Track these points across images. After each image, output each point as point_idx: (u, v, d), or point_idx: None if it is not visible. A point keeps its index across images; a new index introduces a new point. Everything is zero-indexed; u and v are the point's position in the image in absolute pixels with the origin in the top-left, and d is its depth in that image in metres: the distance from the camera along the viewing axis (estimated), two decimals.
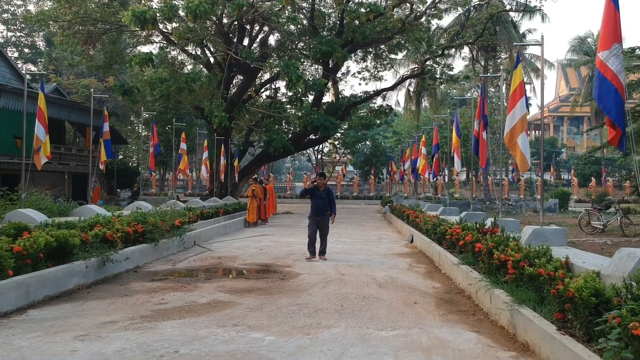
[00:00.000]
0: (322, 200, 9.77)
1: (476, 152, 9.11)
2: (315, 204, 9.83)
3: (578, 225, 17.14)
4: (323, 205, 9.78)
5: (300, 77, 17.79)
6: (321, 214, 9.83)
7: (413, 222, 14.12)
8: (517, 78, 6.86)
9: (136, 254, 8.93)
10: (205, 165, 19.82)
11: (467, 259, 7.37)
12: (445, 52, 25.02)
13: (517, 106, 6.76)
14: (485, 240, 7.04)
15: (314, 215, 9.86)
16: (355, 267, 9.06)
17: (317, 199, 9.80)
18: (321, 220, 9.85)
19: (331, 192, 10.10)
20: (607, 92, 4.06)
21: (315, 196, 9.83)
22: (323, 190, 9.89)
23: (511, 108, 6.86)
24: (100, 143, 12.12)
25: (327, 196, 9.87)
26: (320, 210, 9.81)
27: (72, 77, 38.84)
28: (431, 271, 8.75)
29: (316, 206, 9.81)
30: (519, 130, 6.78)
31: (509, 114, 6.88)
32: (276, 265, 9.26)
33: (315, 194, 9.84)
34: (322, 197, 9.80)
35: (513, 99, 6.85)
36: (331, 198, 9.96)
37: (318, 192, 9.84)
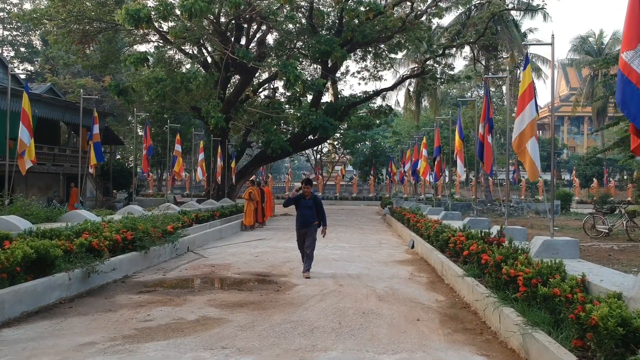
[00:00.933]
0: (309, 209, 8.73)
1: (481, 156, 8.69)
2: (301, 214, 8.78)
3: (582, 228, 16.77)
4: (310, 216, 8.75)
5: (299, 77, 17.38)
6: (308, 225, 8.77)
7: (414, 226, 13.73)
8: (526, 79, 6.45)
9: (125, 263, 8.53)
10: (201, 167, 19.41)
11: (472, 270, 6.97)
12: (446, 52, 24.60)
13: (526, 109, 6.35)
14: (492, 252, 6.65)
15: (300, 227, 8.82)
16: (354, 277, 8.67)
17: (303, 208, 8.75)
18: (307, 232, 8.77)
19: (319, 200, 9.01)
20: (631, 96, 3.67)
21: (301, 205, 8.77)
22: (309, 198, 8.81)
23: (520, 111, 6.44)
24: (90, 146, 11.72)
25: (315, 205, 8.82)
26: (306, 221, 8.76)
27: (68, 76, 38.39)
28: (433, 281, 8.35)
29: (302, 217, 8.77)
30: (528, 135, 6.36)
31: (518, 118, 6.47)
32: (271, 275, 8.86)
33: (300, 203, 8.78)
34: (309, 206, 8.74)
35: (522, 101, 6.44)
36: (319, 207, 8.87)
37: (304, 200, 8.76)
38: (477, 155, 8.92)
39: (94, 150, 11.57)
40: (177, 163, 16.69)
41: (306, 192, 8.79)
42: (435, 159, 14.60)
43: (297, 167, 77.40)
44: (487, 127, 8.41)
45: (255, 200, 17.17)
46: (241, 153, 27.28)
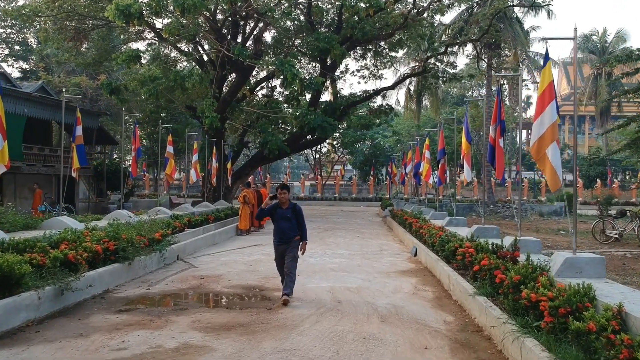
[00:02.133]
0: (287, 221, 7.26)
1: (491, 161, 8.02)
2: (278, 227, 7.32)
3: (591, 233, 16.13)
4: (288, 229, 7.26)
5: (296, 75, 16.71)
6: (286, 240, 7.27)
7: (416, 232, 13.08)
8: (545, 77, 5.77)
9: (106, 277, 7.88)
10: (195, 169, 18.73)
11: (484, 288, 6.32)
12: (448, 50, 23.92)
13: (547, 111, 5.68)
14: (506, 270, 6.00)
15: (278, 242, 7.37)
16: (353, 291, 8.01)
17: (280, 220, 7.29)
18: (286, 249, 7.27)
19: (299, 209, 7.45)
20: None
21: (277, 217, 7.31)
22: (287, 207, 7.31)
23: (539, 113, 5.77)
24: (73, 148, 11.07)
25: (294, 216, 7.33)
26: (285, 235, 7.28)
27: (62, 75, 37.70)
28: (440, 297, 7.70)
29: (279, 230, 7.31)
30: (549, 140, 5.69)
31: (536, 121, 5.80)
32: (264, 288, 8.21)
33: (276, 213, 7.32)
34: (287, 216, 7.25)
35: (541, 102, 5.76)
36: (300, 218, 7.37)
37: (280, 210, 7.30)
38: (488, 159, 8.26)
39: (76, 153, 10.92)
40: (169, 165, 16.01)
41: (282, 200, 7.30)
42: (439, 161, 13.93)
43: (296, 166, 76.73)
44: (499, 129, 7.75)
45: (250, 203, 16.51)
46: (237, 153, 26.60)
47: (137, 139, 14.01)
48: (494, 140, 7.84)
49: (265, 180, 40.41)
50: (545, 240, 15.71)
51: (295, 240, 7.35)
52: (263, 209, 7.50)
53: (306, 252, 12.53)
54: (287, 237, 7.30)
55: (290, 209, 7.36)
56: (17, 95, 20.04)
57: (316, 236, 16.44)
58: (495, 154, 7.85)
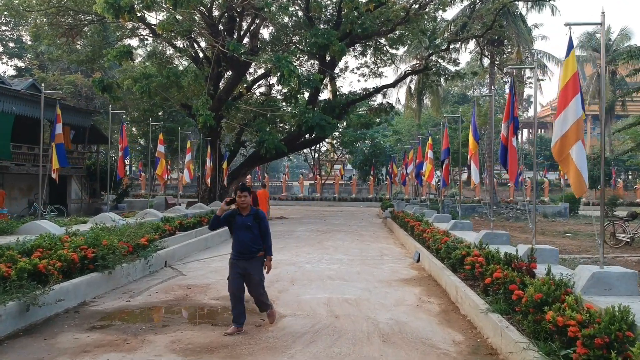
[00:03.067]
0: (248, 231, 5.82)
1: (503, 162, 7.33)
2: (237, 239, 5.88)
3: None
4: (250, 241, 5.81)
5: (293, 72, 16.04)
6: (247, 255, 5.83)
7: (419, 236, 12.40)
8: (569, 68, 5.11)
9: (82, 288, 7.22)
10: (188, 169, 18.06)
11: (498, 304, 5.65)
12: (450, 46, 23.24)
13: (570, 106, 5.02)
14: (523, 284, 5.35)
15: (236, 257, 5.89)
16: (352, 304, 7.35)
17: (240, 230, 5.83)
18: (248, 267, 5.83)
19: (262, 216, 6.02)
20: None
21: (235, 226, 5.87)
22: (248, 214, 5.89)
23: (561, 109, 5.10)
24: (52, 148, 10.40)
25: (257, 224, 5.90)
26: (245, 248, 5.83)
27: (57, 72, 37.01)
28: (447, 310, 7.04)
29: (239, 243, 5.86)
30: (573, 139, 5.02)
31: (559, 117, 5.13)
32: None
33: (235, 222, 5.87)
34: (248, 225, 5.83)
35: (564, 96, 5.10)
36: (263, 227, 5.94)
37: (240, 218, 5.85)
38: (499, 160, 7.59)
39: (56, 153, 10.25)
40: (160, 165, 15.34)
41: (242, 205, 5.85)
42: (444, 162, 13.25)
43: (295, 166, 76.04)
44: (512, 127, 7.07)
45: None
46: (234, 153, 25.92)
47: (125, 138, 13.33)
48: (506, 139, 7.15)
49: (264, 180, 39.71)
50: (553, 243, 15.04)
51: (258, 256, 5.90)
52: (218, 216, 5.90)
53: (303, 257, 11.94)
54: (248, 251, 5.82)
55: (252, 215, 5.88)
56: (5, 92, 19.37)
57: (314, 239, 15.81)
58: (507, 155, 7.17)
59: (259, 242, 5.92)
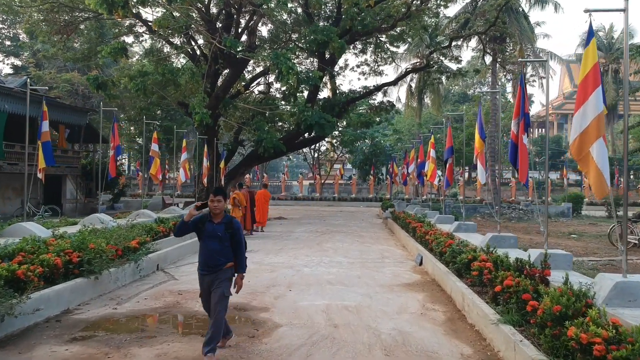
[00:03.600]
0: (217, 241, 4.97)
1: (513, 161, 6.91)
2: (204, 248, 5.06)
3: (608, 238, 15.06)
4: (218, 252, 4.97)
5: (292, 68, 15.61)
6: (214, 268, 4.98)
7: (421, 238, 11.98)
8: (589, 59, 4.68)
9: (65, 295, 6.80)
10: (184, 168, 17.64)
11: (510, 315, 5.23)
12: (452, 43, 22.79)
13: (590, 100, 4.58)
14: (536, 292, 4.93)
15: (202, 270, 5.06)
16: (352, 311, 6.93)
17: (209, 238, 5.00)
18: (215, 281, 4.97)
19: (237, 226, 5.12)
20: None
21: (204, 234, 5.02)
22: (220, 222, 5.03)
23: (580, 103, 4.67)
24: (38, 146, 9.97)
25: (229, 234, 5.03)
26: (212, 260, 4.98)
27: (53, 71, 36.55)
28: (453, 319, 6.62)
29: (206, 253, 5.03)
30: (593, 136, 4.59)
31: (577, 113, 4.69)
32: (249, 308, 7.12)
33: (204, 229, 5.02)
34: (218, 235, 4.97)
35: (583, 89, 4.67)
36: (237, 239, 5.08)
37: (210, 225, 5.01)
38: (509, 159, 7.16)
39: (42, 152, 9.83)
40: (154, 165, 14.92)
41: (214, 211, 5.03)
42: (447, 161, 12.82)
43: (295, 165, 75.60)
44: (522, 124, 6.63)
45: (242, 205, 15.43)
46: (232, 152, 25.50)
47: (117, 136, 12.91)
48: (517, 137, 6.71)
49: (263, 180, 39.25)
50: (558, 245, 14.65)
51: (226, 269, 5.00)
52: (186, 221, 5.00)
53: (302, 259, 11.48)
54: (215, 263, 4.95)
55: (225, 224, 5.00)
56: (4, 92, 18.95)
57: (313, 240, 15.40)
58: (518, 153, 6.74)
59: (229, 254, 5.01)
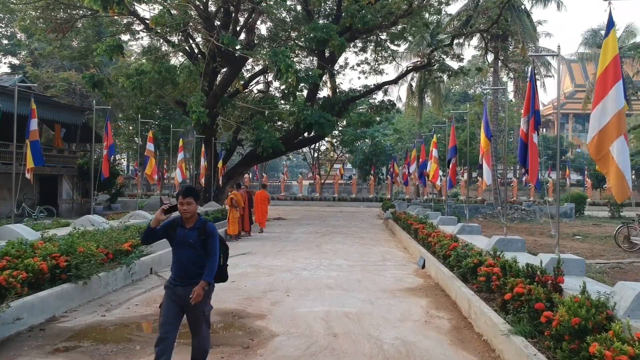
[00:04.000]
0: (191, 250, 4.28)
1: (523, 161, 6.55)
2: (176, 258, 4.37)
3: (614, 239, 14.72)
4: (193, 262, 4.28)
5: (291, 66, 15.26)
6: (189, 280, 4.26)
7: (424, 240, 11.65)
8: (609, 50, 4.33)
9: (51, 301, 6.46)
10: (181, 168, 17.30)
11: (522, 326, 4.89)
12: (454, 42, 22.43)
13: (610, 95, 4.23)
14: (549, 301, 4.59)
15: (174, 282, 4.33)
16: (353, 319, 6.59)
17: (181, 247, 4.30)
18: (186, 297, 4.22)
19: (211, 231, 4.36)
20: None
21: (175, 241, 4.33)
22: (193, 227, 4.31)
23: (599, 98, 4.32)
24: (27, 145, 9.65)
25: (202, 240, 4.29)
26: (185, 271, 4.28)
27: (50, 69, 36.21)
28: (459, 327, 6.27)
29: (178, 263, 4.33)
30: (614, 134, 4.24)
31: (596, 109, 4.34)
32: (245, 315, 6.78)
33: (175, 235, 4.32)
34: (190, 242, 4.27)
35: (602, 83, 4.33)
36: (210, 246, 4.31)
37: (181, 231, 4.31)
38: (519, 159, 6.81)
39: (30, 151, 9.50)
40: (150, 165, 14.58)
41: (185, 214, 4.29)
42: (450, 161, 12.47)
43: (295, 165, 75.25)
44: (532, 121, 6.28)
45: (240, 206, 15.09)
46: (231, 152, 25.16)
47: (110, 135, 12.57)
48: (526, 135, 6.36)
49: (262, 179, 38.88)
50: (563, 247, 14.31)
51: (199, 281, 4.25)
52: (153, 228, 4.27)
53: (300, 262, 11.15)
54: (190, 275, 4.25)
55: (198, 229, 4.29)
56: None
57: (312, 242, 15.07)
58: (527, 153, 6.38)
59: (203, 263, 4.30)
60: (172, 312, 4.26)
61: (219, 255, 4.40)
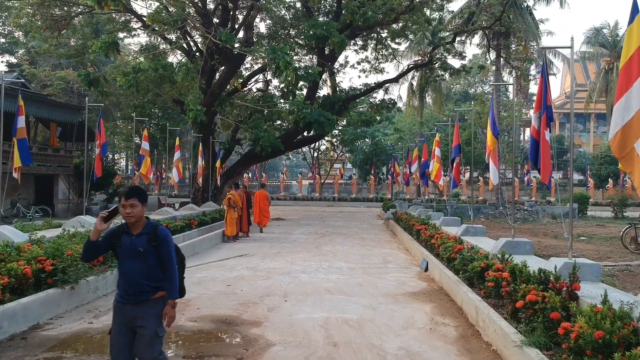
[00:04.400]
0: (139, 260, 3.60)
1: (534, 160, 6.19)
2: (122, 271, 3.69)
3: (620, 241, 14.37)
4: (142, 275, 3.61)
5: (289, 63, 14.91)
6: (137, 297, 3.61)
7: (426, 241, 11.31)
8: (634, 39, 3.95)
9: (34, 308, 6.11)
10: (177, 168, 16.96)
11: (536, 337, 4.54)
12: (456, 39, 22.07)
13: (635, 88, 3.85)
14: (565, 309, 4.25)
15: (121, 299, 3.66)
16: (354, 326, 6.25)
17: (128, 257, 3.62)
18: (138, 316, 3.60)
19: (164, 237, 3.67)
20: None
21: (121, 250, 3.65)
22: (140, 233, 3.65)
23: (622, 92, 3.96)
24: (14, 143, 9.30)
25: (154, 247, 3.62)
26: (134, 286, 3.61)
27: (47, 68, 35.86)
28: (466, 335, 5.93)
29: (124, 277, 3.66)
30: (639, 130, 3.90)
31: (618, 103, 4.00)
32: (240, 322, 6.43)
33: (120, 244, 3.64)
34: (140, 251, 3.60)
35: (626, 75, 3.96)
36: (165, 254, 3.64)
37: (127, 239, 3.63)
38: (530, 157, 6.46)
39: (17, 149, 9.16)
40: (144, 164, 14.24)
41: (127, 218, 3.62)
42: (454, 160, 12.12)
43: (294, 165, 74.86)
44: (545, 118, 5.91)
45: (237, 206, 14.74)
46: (229, 151, 24.81)
47: (103, 133, 12.23)
48: (538, 132, 6.00)
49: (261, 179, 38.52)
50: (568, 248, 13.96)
51: (154, 298, 3.61)
52: (93, 242, 3.60)
53: (299, 265, 10.86)
54: (141, 290, 3.58)
55: (147, 234, 3.61)
56: None
57: (312, 243, 14.73)
58: (539, 151, 6.02)
59: (157, 277, 3.61)
60: (124, 340, 3.59)
61: (176, 262, 3.73)
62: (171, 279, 3.65)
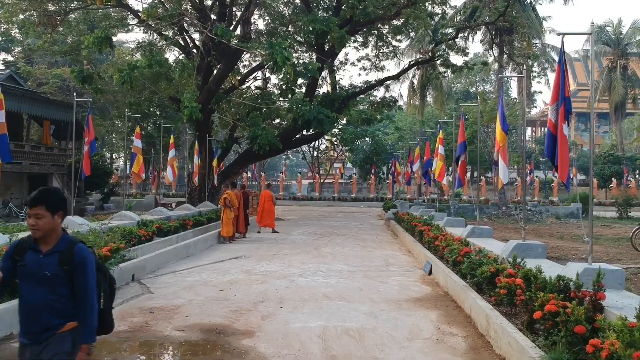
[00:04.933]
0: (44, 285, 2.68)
1: (551, 156, 5.69)
2: (24, 297, 2.73)
3: (630, 242, 13.90)
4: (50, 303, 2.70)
5: (287, 58, 14.42)
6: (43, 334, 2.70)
7: (430, 243, 10.83)
8: None
9: (6, 317, 5.63)
10: (172, 167, 16.47)
11: (558, 353, 4.06)
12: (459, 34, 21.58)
13: None
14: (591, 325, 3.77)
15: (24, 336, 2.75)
16: (354, 337, 5.77)
17: (29, 280, 2.70)
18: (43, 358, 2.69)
19: (82, 258, 2.74)
20: None
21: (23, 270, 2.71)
22: (50, 252, 2.72)
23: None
24: None
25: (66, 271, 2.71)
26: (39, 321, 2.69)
27: (43, 66, 35.36)
28: (476, 347, 5.45)
29: (26, 306, 2.73)
30: None
31: None
32: (230, 332, 5.95)
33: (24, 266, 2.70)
34: (46, 275, 2.67)
35: None
36: (80, 280, 2.72)
37: (32, 257, 2.71)
38: (546, 153, 5.97)
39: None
40: (137, 162, 13.77)
41: (32, 231, 2.73)
42: (459, 158, 11.63)
43: (294, 164, 74.41)
44: (562, 111, 5.41)
45: (234, 206, 14.26)
46: (227, 150, 24.33)
47: (92, 130, 11.75)
48: (555, 126, 5.51)
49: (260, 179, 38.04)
50: (576, 250, 13.52)
51: (61, 334, 2.74)
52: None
53: (297, 267, 10.46)
54: (42, 326, 2.71)
55: (60, 253, 2.74)
56: None
57: (310, 244, 14.25)
58: (557, 147, 5.52)
59: (67, 308, 2.75)
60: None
61: (96, 293, 2.81)
62: (86, 317, 2.74)
